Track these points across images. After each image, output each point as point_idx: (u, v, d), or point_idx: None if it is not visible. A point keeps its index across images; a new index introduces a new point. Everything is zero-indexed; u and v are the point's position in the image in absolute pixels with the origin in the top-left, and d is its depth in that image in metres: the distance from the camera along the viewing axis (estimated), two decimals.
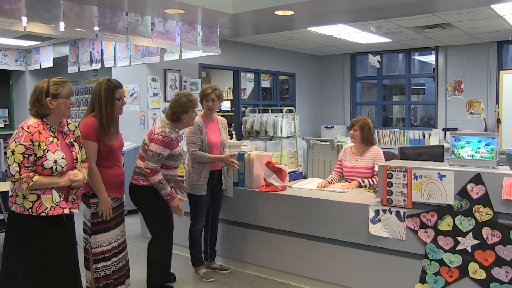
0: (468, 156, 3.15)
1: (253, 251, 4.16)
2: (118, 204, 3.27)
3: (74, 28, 4.11)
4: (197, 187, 3.95)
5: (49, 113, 2.72)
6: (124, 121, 3.24)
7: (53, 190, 2.69)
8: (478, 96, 8.30)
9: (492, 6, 5.38)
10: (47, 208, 2.65)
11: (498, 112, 7.66)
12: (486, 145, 3.10)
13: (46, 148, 2.65)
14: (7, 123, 8.59)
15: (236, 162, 4.01)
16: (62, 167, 2.72)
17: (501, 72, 7.73)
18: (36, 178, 2.60)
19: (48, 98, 2.69)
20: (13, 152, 2.58)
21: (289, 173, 4.34)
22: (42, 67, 7.55)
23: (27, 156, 2.59)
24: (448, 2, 4.72)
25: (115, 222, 3.24)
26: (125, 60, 6.13)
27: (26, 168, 2.58)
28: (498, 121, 7.60)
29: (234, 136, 5.20)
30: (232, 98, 9.01)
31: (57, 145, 2.73)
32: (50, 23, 3.88)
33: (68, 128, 2.88)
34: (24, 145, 2.58)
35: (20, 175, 2.56)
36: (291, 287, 3.88)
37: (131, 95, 6.76)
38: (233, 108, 8.89)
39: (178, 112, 3.56)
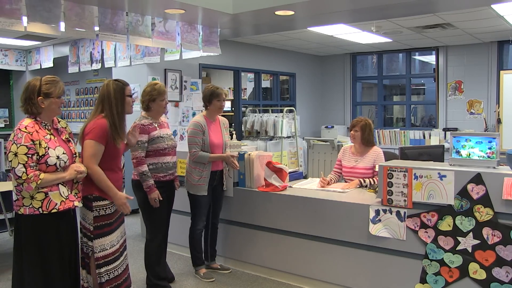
0: (478, 157, 3.13)
1: (253, 251, 4.16)
2: (115, 208, 3.26)
3: (75, 28, 4.11)
4: (198, 187, 3.95)
5: (40, 111, 2.73)
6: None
7: (59, 185, 2.72)
8: (478, 96, 8.31)
9: (492, 6, 5.38)
10: (57, 204, 2.69)
11: (498, 112, 7.65)
12: (498, 144, 3.10)
13: (46, 146, 2.67)
14: (8, 123, 8.59)
15: (236, 163, 4.05)
16: (65, 162, 2.75)
17: (501, 72, 7.73)
18: (42, 175, 2.62)
19: (40, 97, 2.70)
20: (15, 154, 2.58)
21: (289, 173, 4.34)
22: (42, 67, 7.54)
23: (30, 155, 2.60)
24: (448, 2, 4.72)
25: (117, 224, 3.23)
26: (126, 60, 6.13)
27: (32, 168, 2.60)
28: (499, 121, 7.60)
29: (234, 136, 5.20)
30: (232, 98, 9.01)
31: (55, 142, 2.76)
32: (50, 23, 3.89)
33: (60, 125, 2.89)
34: (26, 145, 2.60)
35: (27, 175, 2.58)
36: (291, 287, 3.88)
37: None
38: (233, 108, 8.89)
39: (146, 101, 3.74)
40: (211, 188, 4.02)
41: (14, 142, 2.61)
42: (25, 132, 2.62)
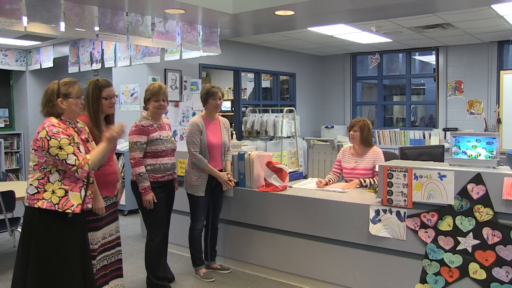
0: (486, 157, 3.12)
1: (253, 251, 4.16)
2: (110, 203, 3.26)
3: (75, 28, 4.11)
4: (195, 188, 3.96)
5: (61, 112, 2.79)
6: (124, 121, 3.30)
7: (82, 188, 2.78)
8: (478, 96, 8.31)
9: (492, 6, 5.38)
10: (73, 205, 2.72)
11: (498, 112, 7.66)
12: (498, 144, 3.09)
13: (78, 142, 2.78)
14: (8, 123, 8.59)
15: (233, 180, 4.05)
16: None
17: (501, 72, 7.73)
18: (89, 156, 2.75)
19: (59, 99, 2.77)
20: (60, 147, 2.64)
21: (289, 173, 4.34)
22: (42, 67, 7.55)
23: (73, 144, 2.70)
24: (448, 2, 4.72)
25: (106, 221, 3.24)
26: (126, 60, 6.13)
27: (80, 154, 2.71)
28: (499, 121, 7.60)
29: (234, 136, 5.20)
30: (232, 98, 9.01)
31: (79, 141, 2.83)
32: (50, 23, 3.89)
33: (79, 125, 2.95)
34: (66, 137, 2.69)
35: (79, 160, 2.68)
36: (291, 287, 3.88)
37: (132, 95, 6.77)
38: (233, 108, 8.90)
39: (145, 99, 3.75)
40: (210, 189, 4.02)
41: (52, 137, 2.64)
42: (59, 127, 2.70)
